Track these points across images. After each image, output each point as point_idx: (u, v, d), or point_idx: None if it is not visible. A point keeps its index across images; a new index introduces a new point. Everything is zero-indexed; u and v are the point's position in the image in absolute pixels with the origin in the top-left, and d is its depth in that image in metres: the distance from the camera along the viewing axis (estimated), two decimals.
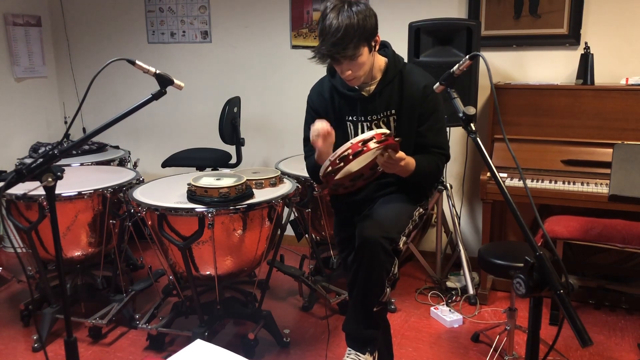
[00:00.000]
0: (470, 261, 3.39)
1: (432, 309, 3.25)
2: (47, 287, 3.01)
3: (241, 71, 4.36)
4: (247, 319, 3.06)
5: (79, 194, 2.87)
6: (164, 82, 1.82)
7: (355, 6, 1.93)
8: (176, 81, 1.85)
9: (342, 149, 1.79)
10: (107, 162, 3.68)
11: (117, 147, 4.08)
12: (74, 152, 3.72)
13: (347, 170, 1.88)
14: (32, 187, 2.11)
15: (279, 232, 2.88)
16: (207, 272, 2.71)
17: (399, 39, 3.26)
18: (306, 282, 3.30)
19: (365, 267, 1.99)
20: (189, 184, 2.64)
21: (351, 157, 1.78)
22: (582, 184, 3.12)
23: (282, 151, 4.21)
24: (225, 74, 4.42)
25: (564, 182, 3.16)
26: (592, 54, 3.28)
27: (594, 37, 3.42)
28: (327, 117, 2.18)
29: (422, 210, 2.21)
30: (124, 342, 2.98)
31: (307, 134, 2.21)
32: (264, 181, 2.83)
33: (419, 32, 3.31)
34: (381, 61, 2.12)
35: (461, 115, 1.64)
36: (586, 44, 3.33)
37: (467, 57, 1.72)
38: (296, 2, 4.10)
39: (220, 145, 4.02)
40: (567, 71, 3.51)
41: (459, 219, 3.76)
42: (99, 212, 2.98)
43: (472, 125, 1.64)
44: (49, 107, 4.80)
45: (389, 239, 1.97)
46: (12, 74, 4.43)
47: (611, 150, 2.51)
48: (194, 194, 2.59)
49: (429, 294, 3.47)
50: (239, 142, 3.96)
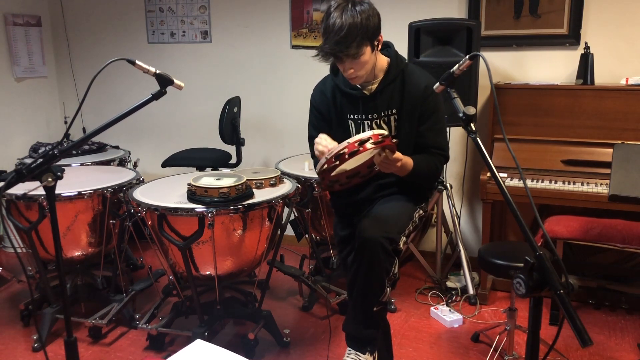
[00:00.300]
0: (470, 261, 3.38)
1: (432, 309, 3.25)
2: (47, 287, 3.00)
3: (241, 71, 4.36)
4: (247, 319, 3.06)
5: (79, 194, 2.87)
6: (164, 82, 1.83)
7: (359, 5, 1.94)
8: (176, 81, 1.85)
9: (338, 148, 1.80)
10: (107, 162, 3.68)
11: (117, 147, 4.08)
12: (74, 152, 3.72)
13: (343, 168, 1.89)
14: (32, 187, 2.11)
15: (279, 232, 2.88)
16: (207, 272, 2.71)
17: (399, 39, 3.24)
18: (306, 282, 3.30)
19: (365, 267, 2.00)
20: (189, 184, 2.64)
21: (347, 156, 1.79)
22: (582, 184, 3.12)
23: (282, 151, 4.21)
24: (225, 74, 4.42)
25: (564, 182, 3.15)
26: (592, 54, 3.28)
27: (594, 37, 3.42)
28: (329, 116, 2.20)
29: (422, 212, 2.22)
30: (124, 342, 2.98)
31: (312, 133, 2.25)
32: (264, 181, 2.83)
33: (419, 32, 3.31)
34: (383, 61, 2.13)
35: (461, 115, 1.64)
36: (586, 44, 3.33)
37: (467, 57, 1.72)
38: (296, 2, 4.10)
39: (220, 145, 4.03)
40: (567, 71, 3.51)
41: (459, 219, 3.76)
42: (99, 212, 2.98)
43: (472, 125, 1.64)
44: (49, 107, 4.80)
45: (389, 239, 1.98)
46: (12, 74, 4.43)
47: (611, 150, 2.51)
48: (194, 194, 2.59)
49: (429, 294, 3.47)
50: (239, 142, 3.96)
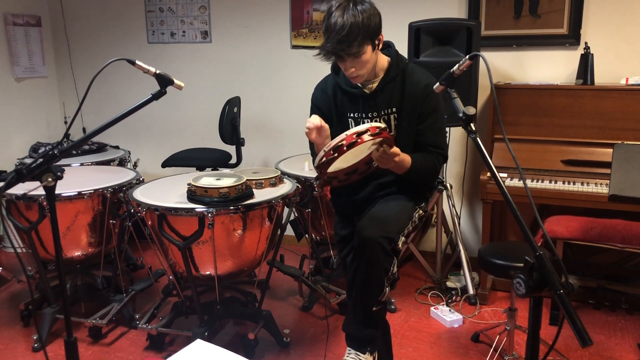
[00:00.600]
0: (470, 261, 3.39)
1: (432, 309, 3.25)
2: (47, 287, 3.00)
3: (241, 71, 4.36)
4: (247, 319, 3.06)
5: (79, 194, 2.87)
6: (164, 82, 1.83)
7: (360, 5, 1.96)
8: (176, 81, 1.85)
9: (336, 140, 1.81)
10: (107, 162, 3.67)
11: (117, 147, 4.08)
12: (74, 152, 3.72)
13: (342, 162, 1.89)
14: (32, 187, 2.11)
15: (279, 232, 2.88)
16: (207, 272, 2.71)
17: (399, 39, 3.24)
18: (306, 282, 3.30)
19: (364, 267, 2.00)
20: (189, 184, 2.64)
21: (345, 148, 1.80)
22: (582, 184, 3.12)
23: (282, 151, 4.21)
24: (225, 74, 4.42)
25: (564, 182, 3.15)
26: (592, 54, 3.28)
27: (594, 37, 3.42)
28: (329, 114, 2.22)
29: (421, 212, 2.22)
30: (124, 342, 2.98)
31: None
32: (264, 181, 2.83)
33: (419, 32, 3.31)
34: (384, 60, 2.14)
35: (461, 115, 1.64)
36: (586, 44, 3.32)
37: (467, 57, 1.72)
38: (296, 2, 4.10)
39: (220, 145, 4.02)
40: (567, 71, 3.51)
41: (459, 219, 3.76)
42: (99, 212, 2.97)
43: (472, 125, 1.64)
44: (49, 107, 4.80)
45: (388, 239, 1.98)
46: (12, 74, 4.43)
47: (611, 150, 2.51)
48: (194, 194, 2.59)
49: (429, 294, 3.47)
50: (239, 142, 3.96)
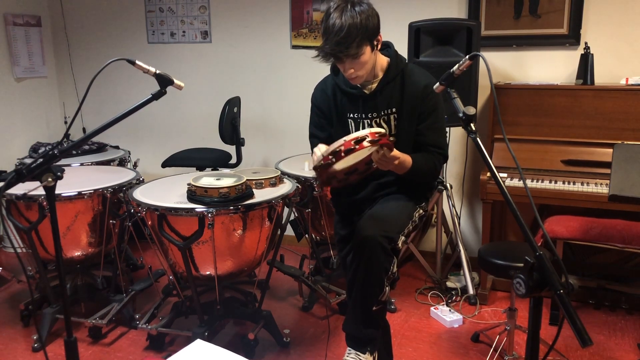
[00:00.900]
0: (470, 261, 3.38)
1: (432, 309, 3.25)
2: (47, 287, 3.00)
3: (241, 71, 4.36)
4: (247, 319, 3.06)
5: (79, 194, 2.87)
6: (164, 82, 1.83)
7: (358, 6, 1.95)
8: (176, 81, 1.85)
9: (335, 145, 1.80)
10: (107, 162, 3.67)
11: (117, 147, 4.08)
12: (74, 152, 3.72)
13: (341, 163, 1.89)
14: (32, 187, 2.11)
15: (279, 232, 2.88)
16: (207, 272, 2.71)
17: (399, 39, 3.24)
18: (306, 282, 3.30)
19: (364, 266, 2.00)
20: (189, 184, 2.64)
21: (343, 154, 1.79)
22: (582, 184, 3.12)
23: (282, 151, 4.21)
24: (225, 74, 4.42)
25: (564, 182, 3.15)
26: (592, 54, 3.28)
27: (594, 37, 3.42)
28: (329, 114, 2.23)
29: (422, 211, 2.22)
30: (124, 342, 2.98)
31: (312, 131, 2.30)
32: (264, 181, 2.83)
33: (419, 32, 3.31)
34: (383, 60, 2.14)
35: (461, 115, 1.64)
36: (586, 44, 3.32)
37: (467, 57, 1.72)
38: (296, 2, 4.10)
39: (220, 145, 4.02)
40: (567, 71, 3.51)
41: (459, 219, 3.76)
42: (99, 212, 2.97)
43: (472, 125, 1.64)
44: (49, 107, 4.80)
45: (387, 238, 1.98)
46: (12, 74, 4.43)
47: (611, 150, 2.51)
48: (194, 194, 2.59)
49: (429, 294, 3.47)
50: (239, 142, 3.96)
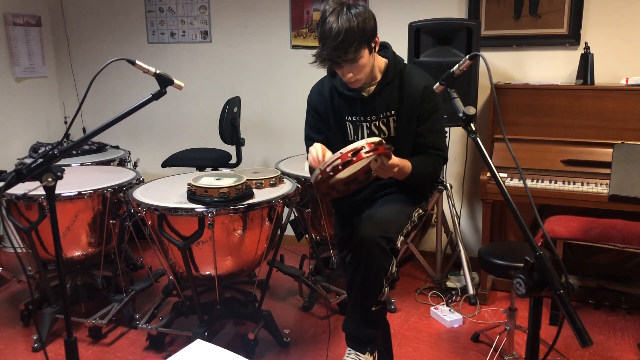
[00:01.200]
0: (470, 261, 3.38)
1: (432, 309, 3.25)
2: (47, 287, 3.00)
3: (241, 71, 4.36)
4: (247, 319, 3.06)
5: (79, 194, 2.87)
6: (164, 82, 1.83)
7: (354, 8, 1.91)
8: (176, 81, 1.85)
9: (332, 159, 1.77)
10: (107, 162, 3.67)
11: (117, 147, 4.08)
12: (74, 152, 3.72)
13: (339, 177, 1.88)
14: (32, 187, 2.11)
15: (279, 232, 2.88)
16: (207, 272, 2.71)
17: (399, 39, 3.26)
18: (306, 282, 3.30)
19: (363, 267, 2.00)
20: (189, 184, 2.64)
21: (340, 167, 1.77)
22: (582, 184, 3.12)
23: (282, 151, 4.21)
24: (225, 74, 4.42)
25: (564, 182, 3.15)
26: (592, 54, 3.28)
27: (594, 37, 3.42)
28: (326, 117, 2.20)
29: (421, 211, 2.22)
30: (124, 342, 2.98)
31: (308, 133, 2.27)
32: (264, 181, 2.83)
33: (419, 32, 3.31)
34: (381, 62, 2.12)
35: (461, 115, 1.64)
36: (586, 44, 3.32)
37: (467, 57, 1.73)
38: (296, 2, 4.10)
39: (220, 145, 4.02)
40: (567, 71, 3.51)
41: (459, 219, 3.76)
42: (99, 212, 2.97)
43: (472, 125, 1.64)
44: (49, 107, 4.80)
45: (386, 238, 1.98)
46: (12, 74, 4.43)
47: (611, 150, 2.51)
48: (194, 194, 2.59)
49: (429, 294, 3.47)
50: (239, 142, 3.96)
